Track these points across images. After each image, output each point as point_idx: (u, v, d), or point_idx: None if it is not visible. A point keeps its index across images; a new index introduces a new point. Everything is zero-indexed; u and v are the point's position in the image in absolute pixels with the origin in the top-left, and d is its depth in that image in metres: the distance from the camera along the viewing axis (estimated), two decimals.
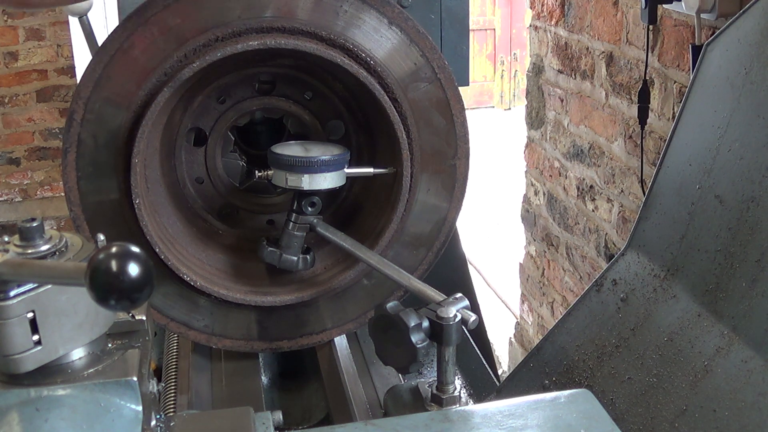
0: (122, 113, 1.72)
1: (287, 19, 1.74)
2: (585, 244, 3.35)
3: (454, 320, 1.62)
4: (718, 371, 1.70)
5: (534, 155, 3.87)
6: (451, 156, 1.94)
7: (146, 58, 1.70)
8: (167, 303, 1.90)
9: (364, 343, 2.01)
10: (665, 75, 2.61)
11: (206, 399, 1.85)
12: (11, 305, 1.08)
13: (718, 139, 1.84)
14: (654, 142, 2.70)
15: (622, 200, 2.99)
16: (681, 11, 2.37)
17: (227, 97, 1.98)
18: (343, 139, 2.04)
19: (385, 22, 1.78)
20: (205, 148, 2.01)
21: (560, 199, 3.58)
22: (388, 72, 1.79)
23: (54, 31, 6.31)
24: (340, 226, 1.96)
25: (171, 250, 1.81)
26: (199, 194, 2.03)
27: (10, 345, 1.10)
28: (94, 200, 1.78)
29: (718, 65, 1.88)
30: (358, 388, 1.80)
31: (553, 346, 2.12)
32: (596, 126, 3.16)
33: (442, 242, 2.03)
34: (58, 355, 1.14)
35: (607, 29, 2.98)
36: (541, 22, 3.61)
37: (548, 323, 3.90)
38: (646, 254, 2.01)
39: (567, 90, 3.40)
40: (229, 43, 1.68)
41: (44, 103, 6.44)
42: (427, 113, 1.86)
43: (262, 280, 1.96)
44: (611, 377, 1.93)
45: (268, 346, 2.00)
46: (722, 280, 1.77)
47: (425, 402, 1.69)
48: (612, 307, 2.03)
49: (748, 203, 1.73)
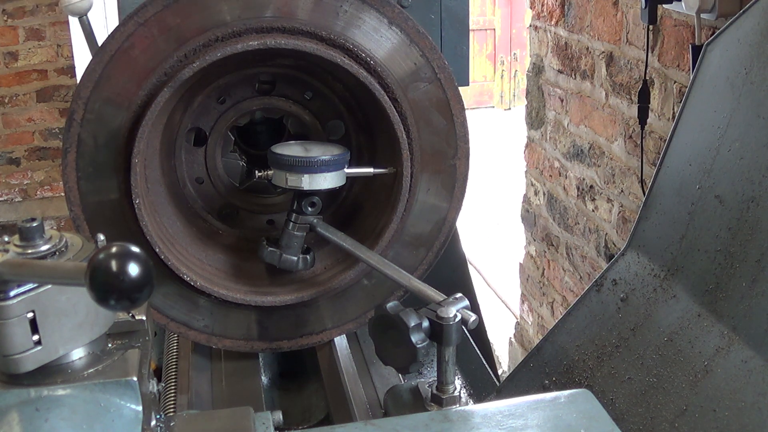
0: (122, 113, 1.72)
1: (287, 19, 1.74)
2: (585, 244, 3.35)
3: (454, 320, 1.62)
4: (718, 371, 1.70)
5: (534, 155, 3.87)
6: (451, 156, 1.94)
7: (146, 58, 1.70)
8: (167, 303, 1.90)
9: (364, 343, 2.01)
10: (665, 75, 2.61)
11: (206, 399, 1.85)
12: (11, 305, 1.08)
13: (718, 139, 1.84)
14: (654, 142, 2.70)
15: (622, 200, 2.99)
16: (681, 11, 2.37)
17: (227, 97, 1.98)
18: (343, 139, 2.04)
19: (385, 22, 1.77)
20: (205, 148, 2.01)
21: (560, 199, 3.58)
22: (388, 72, 1.79)
23: (54, 31, 6.31)
24: (340, 226, 1.96)
25: (171, 250, 1.81)
26: (199, 194, 2.03)
27: (10, 345, 1.10)
28: (94, 200, 1.77)
29: (718, 65, 1.88)
30: (358, 388, 1.80)
31: (553, 346, 2.12)
32: (596, 126, 3.16)
33: (442, 242, 2.03)
34: (58, 355, 1.14)
35: (607, 29, 2.98)
36: (541, 22, 3.61)
37: (548, 323, 3.90)
38: (646, 254, 2.01)
39: (567, 90, 3.40)
40: (229, 43, 1.68)
41: (44, 103, 6.44)
42: (427, 113, 1.86)
43: (262, 280, 1.96)
44: (611, 377, 1.93)
45: (268, 346, 2.00)
46: (722, 280, 1.77)
47: (425, 402, 1.69)
48: (612, 307, 2.03)
49: (748, 203, 1.73)
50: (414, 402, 1.69)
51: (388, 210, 1.92)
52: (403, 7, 1.83)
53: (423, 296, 1.77)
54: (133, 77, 1.71)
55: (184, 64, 1.67)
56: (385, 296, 2.01)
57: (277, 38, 1.70)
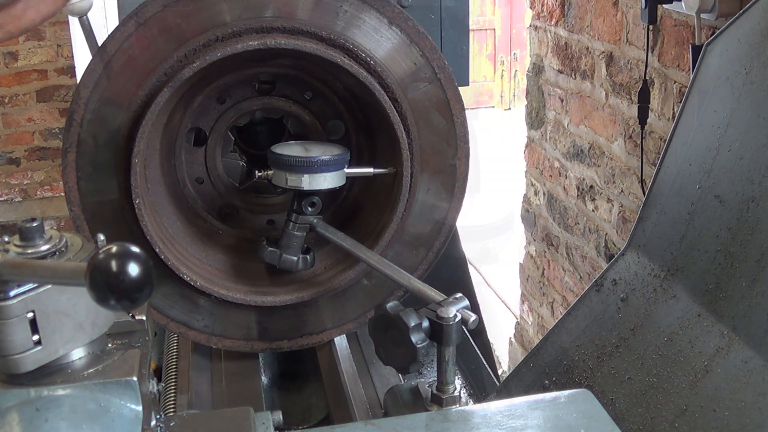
0: (122, 113, 1.72)
1: (287, 19, 1.74)
2: (585, 244, 3.35)
3: (454, 320, 1.62)
4: (718, 371, 1.70)
5: (534, 155, 3.87)
6: (451, 156, 1.94)
7: (146, 58, 1.70)
8: (167, 303, 1.90)
9: (364, 343, 2.01)
10: (665, 75, 2.61)
11: (206, 399, 1.85)
12: (11, 305, 1.08)
13: (718, 139, 1.84)
14: (654, 142, 2.70)
15: (622, 200, 2.99)
16: (681, 11, 2.37)
17: (227, 97, 1.98)
18: (343, 139, 2.04)
19: (385, 22, 1.78)
20: (205, 148, 2.01)
21: (560, 199, 3.58)
22: (388, 72, 1.79)
23: (54, 31, 6.31)
24: (340, 226, 1.96)
25: (171, 250, 1.81)
26: (199, 194, 2.03)
27: (10, 345, 1.09)
28: (94, 200, 1.78)
29: (718, 65, 1.89)
30: (358, 388, 1.80)
31: (553, 346, 2.12)
32: (596, 126, 3.16)
33: (442, 242, 2.03)
34: (58, 355, 1.14)
35: (607, 29, 2.98)
36: (541, 22, 3.61)
37: (548, 323, 3.90)
38: (646, 254, 2.01)
39: (567, 90, 3.40)
40: (229, 43, 1.68)
41: (44, 103, 6.45)
42: (427, 113, 1.86)
43: (262, 280, 1.96)
44: (611, 377, 1.93)
45: (268, 346, 2.00)
46: (722, 280, 1.77)
47: (425, 402, 1.69)
48: (612, 307, 2.03)
49: (748, 203, 1.74)
50: (414, 402, 1.69)
51: (388, 210, 1.92)
52: (403, 7, 1.83)
53: (423, 296, 1.77)
54: (133, 77, 1.71)
55: (184, 64, 1.67)
56: (385, 296, 2.01)
57: (277, 38, 1.70)
